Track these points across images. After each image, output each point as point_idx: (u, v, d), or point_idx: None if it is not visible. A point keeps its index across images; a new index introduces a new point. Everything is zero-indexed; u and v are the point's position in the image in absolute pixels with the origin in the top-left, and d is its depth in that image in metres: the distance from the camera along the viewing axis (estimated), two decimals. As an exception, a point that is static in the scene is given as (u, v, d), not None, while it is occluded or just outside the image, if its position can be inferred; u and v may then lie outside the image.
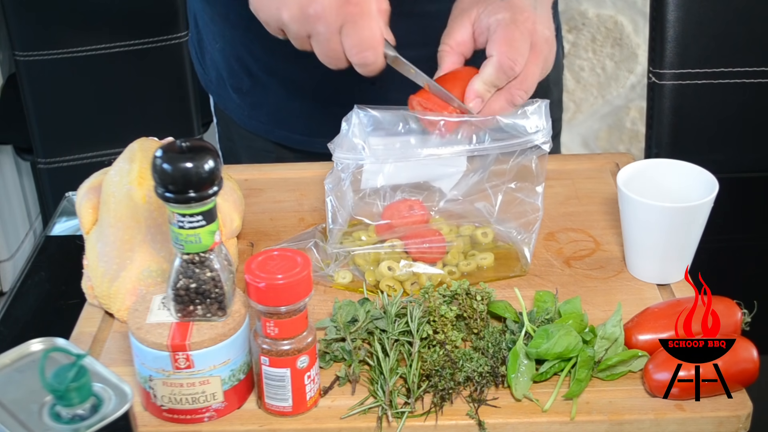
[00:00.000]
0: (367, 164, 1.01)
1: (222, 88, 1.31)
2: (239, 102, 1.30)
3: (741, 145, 1.45)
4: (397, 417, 0.86)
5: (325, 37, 0.95)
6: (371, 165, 1.01)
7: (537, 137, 0.99)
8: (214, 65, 1.31)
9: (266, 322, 0.83)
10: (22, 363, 0.77)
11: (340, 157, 0.98)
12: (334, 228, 1.03)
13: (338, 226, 1.02)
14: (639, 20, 2.35)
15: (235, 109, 1.31)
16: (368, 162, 0.99)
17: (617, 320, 0.91)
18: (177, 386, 0.84)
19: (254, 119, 1.30)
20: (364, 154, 0.98)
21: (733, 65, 1.40)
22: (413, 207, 1.05)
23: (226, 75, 1.28)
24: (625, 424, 0.86)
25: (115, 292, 0.97)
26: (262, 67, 1.23)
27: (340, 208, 1.02)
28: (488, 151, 1.00)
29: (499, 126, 1.00)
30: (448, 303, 0.95)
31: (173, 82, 1.93)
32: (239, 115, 1.31)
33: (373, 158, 0.99)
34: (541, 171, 1.02)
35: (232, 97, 1.30)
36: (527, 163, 1.02)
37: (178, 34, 1.89)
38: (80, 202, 1.02)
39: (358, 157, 0.98)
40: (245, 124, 1.31)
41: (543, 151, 1.00)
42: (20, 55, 1.80)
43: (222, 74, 1.29)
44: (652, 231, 1.00)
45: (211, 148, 0.81)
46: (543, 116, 1.00)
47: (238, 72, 1.26)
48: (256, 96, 1.27)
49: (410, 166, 1.02)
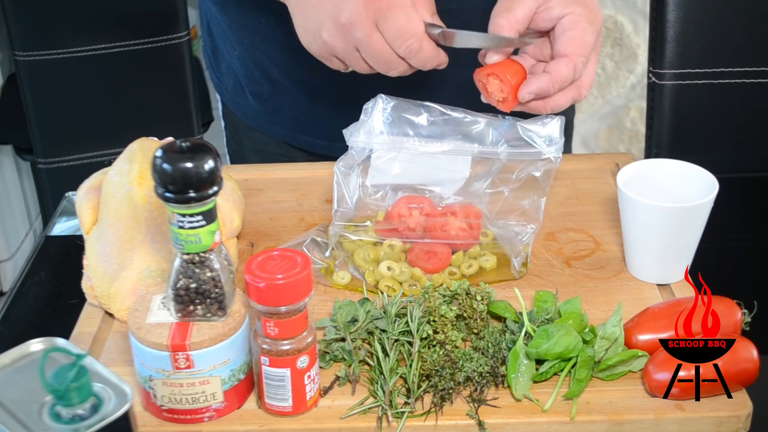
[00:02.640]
0: (376, 160, 1.03)
1: (239, 95, 1.31)
2: (259, 108, 1.30)
3: (741, 145, 1.45)
4: (397, 417, 0.86)
5: (367, 41, 0.95)
6: (379, 162, 1.03)
7: (551, 150, 1.00)
8: (230, 73, 1.31)
9: (266, 322, 0.83)
10: (22, 363, 0.77)
11: (356, 141, 1.00)
12: (339, 210, 1.04)
13: (343, 208, 1.04)
14: (639, 20, 2.35)
15: (254, 115, 1.31)
16: (382, 149, 1.01)
17: (617, 320, 0.91)
18: (177, 386, 0.84)
19: (275, 125, 1.30)
20: (379, 138, 1.00)
21: (733, 65, 1.40)
22: (422, 203, 1.05)
23: (246, 82, 1.29)
24: (625, 424, 0.86)
25: (115, 292, 0.97)
26: (282, 72, 1.24)
27: (346, 192, 1.04)
28: (500, 155, 1.01)
29: (519, 134, 1.01)
30: (448, 303, 0.95)
31: (173, 82, 1.93)
32: (259, 121, 1.31)
33: (386, 145, 1.00)
34: (547, 184, 1.04)
35: (251, 104, 1.30)
36: (535, 174, 1.03)
37: (178, 34, 1.89)
38: (80, 202, 1.02)
39: (373, 142, 1.00)
40: (265, 130, 1.31)
41: (553, 165, 1.01)
42: (20, 55, 1.80)
43: (240, 81, 1.30)
44: (652, 231, 1.00)
45: (211, 148, 0.80)
46: (560, 131, 1.01)
47: (258, 78, 1.27)
48: (276, 102, 1.27)
49: (417, 168, 1.03)
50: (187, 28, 1.87)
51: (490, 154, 1.01)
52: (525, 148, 1.01)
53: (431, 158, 1.03)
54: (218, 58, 1.34)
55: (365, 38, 0.95)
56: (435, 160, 1.03)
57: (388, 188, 1.06)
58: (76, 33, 1.84)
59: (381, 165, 1.04)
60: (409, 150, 1.01)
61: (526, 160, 1.02)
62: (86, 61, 1.85)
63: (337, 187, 1.04)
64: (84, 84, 1.87)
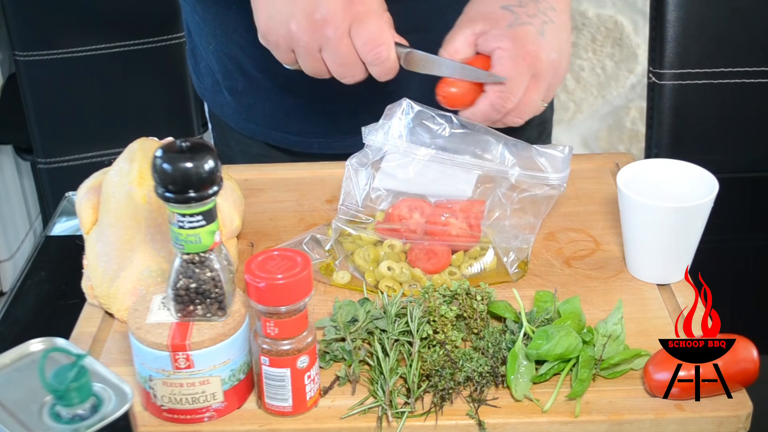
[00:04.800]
0: (386, 164, 1.04)
1: (217, 93, 1.31)
2: (234, 105, 1.29)
3: (741, 145, 1.45)
4: (397, 417, 0.86)
5: (336, 42, 0.96)
6: (388, 166, 1.04)
7: (556, 177, 1.02)
8: (208, 70, 1.30)
9: (266, 322, 0.83)
10: (22, 363, 0.77)
11: (373, 140, 1.02)
12: (344, 206, 1.05)
13: (348, 204, 1.05)
14: (639, 20, 2.35)
15: (231, 113, 1.31)
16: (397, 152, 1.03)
17: (618, 318, 0.91)
18: (177, 386, 0.84)
19: (250, 122, 1.29)
20: (395, 142, 1.01)
21: (733, 65, 1.40)
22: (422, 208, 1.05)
23: (221, 77, 1.28)
24: (625, 424, 0.86)
25: (115, 292, 0.97)
26: (255, 65, 1.23)
27: (355, 188, 1.05)
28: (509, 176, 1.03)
29: (532, 158, 1.03)
30: (448, 303, 0.95)
31: (173, 82, 1.93)
32: (235, 118, 1.31)
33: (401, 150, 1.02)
34: (546, 209, 1.05)
35: (228, 100, 1.30)
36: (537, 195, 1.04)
37: (178, 34, 1.89)
38: (80, 202, 1.02)
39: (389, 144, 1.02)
40: (241, 127, 1.31)
41: (556, 192, 1.03)
42: (20, 55, 1.80)
43: (216, 77, 1.29)
44: (652, 231, 1.00)
45: (211, 148, 0.80)
46: (568, 163, 1.03)
47: (233, 72, 1.26)
48: (251, 96, 1.27)
49: (422, 179, 1.05)
50: (187, 28, 1.86)
51: (501, 173, 1.03)
52: (535, 171, 1.03)
53: (439, 171, 1.04)
54: (197, 57, 1.33)
55: (335, 38, 0.96)
56: (441, 174, 1.04)
57: (391, 193, 1.07)
58: (76, 33, 1.84)
59: (389, 169, 1.05)
60: (422, 159, 1.03)
61: (534, 183, 1.04)
62: (86, 61, 1.85)
63: (346, 182, 1.05)
64: (84, 84, 1.87)
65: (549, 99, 1.03)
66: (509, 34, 0.99)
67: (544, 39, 0.99)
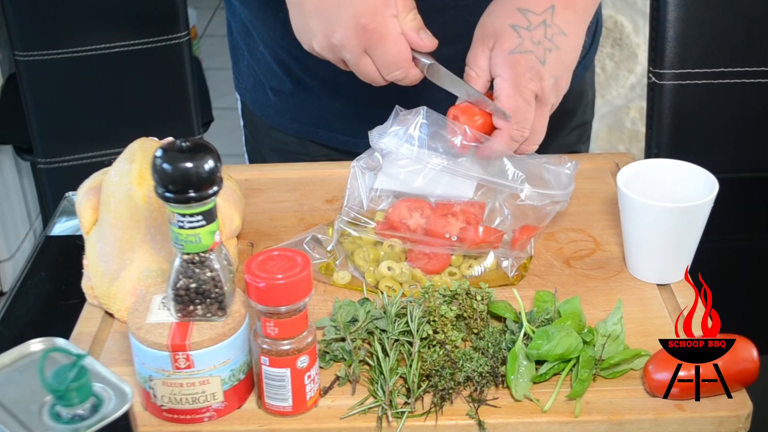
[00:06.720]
0: (387, 167, 1.05)
1: (260, 93, 1.32)
2: (279, 105, 1.30)
3: (741, 145, 1.45)
4: (397, 417, 0.86)
5: (354, 63, 1.00)
6: (390, 168, 1.05)
7: (561, 194, 1.03)
8: (250, 71, 1.32)
9: (266, 322, 0.83)
10: (22, 363, 0.77)
11: (384, 143, 1.03)
12: (348, 207, 1.06)
13: (351, 205, 1.06)
14: (639, 20, 2.35)
15: (273, 113, 1.32)
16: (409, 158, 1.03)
17: (618, 318, 0.91)
18: (177, 386, 0.84)
19: (295, 121, 1.31)
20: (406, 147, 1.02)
21: (733, 65, 1.40)
22: (423, 208, 1.05)
23: (267, 78, 1.30)
24: (625, 424, 0.86)
25: (115, 292, 0.97)
26: (302, 68, 1.25)
27: (362, 190, 1.06)
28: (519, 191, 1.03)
29: (540, 173, 1.04)
30: (448, 303, 0.95)
31: (173, 82, 1.92)
32: (277, 117, 1.32)
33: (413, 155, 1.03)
34: (545, 221, 1.06)
35: (271, 100, 1.31)
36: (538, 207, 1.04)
37: (178, 34, 1.89)
38: (80, 202, 1.02)
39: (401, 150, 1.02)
40: (284, 126, 1.32)
41: (558, 207, 1.04)
42: (20, 55, 1.80)
43: (261, 78, 1.30)
44: (652, 231, 1.00)
45: (211, 148, 0.80)
46: (573, 179, 1.04)
47: (280, 74, 1.27)
48: (297, 98, 1.28)
49: (422, 179, 1.05)
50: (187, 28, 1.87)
51: (511, 189, 1.04)
52: (542, 189, 1.03)
53: (440, 174, 1.04)
54: (237, 56, 1.35)
55: (353, 60, 1.00)
56: (442, 176, 1.04)
57: (392, 194, 1.07)
58: (76, 33, 1.84)
59: (390, 171, 1.05)
60: (434, 168, 1.03)
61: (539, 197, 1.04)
62: (86, 61, 1.85)
63: (351, 183, 1.06)
64: (84, 84, 1.87)
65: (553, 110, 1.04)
66: (510, 62, 1.00)
67: (544, 67, 1.00)
